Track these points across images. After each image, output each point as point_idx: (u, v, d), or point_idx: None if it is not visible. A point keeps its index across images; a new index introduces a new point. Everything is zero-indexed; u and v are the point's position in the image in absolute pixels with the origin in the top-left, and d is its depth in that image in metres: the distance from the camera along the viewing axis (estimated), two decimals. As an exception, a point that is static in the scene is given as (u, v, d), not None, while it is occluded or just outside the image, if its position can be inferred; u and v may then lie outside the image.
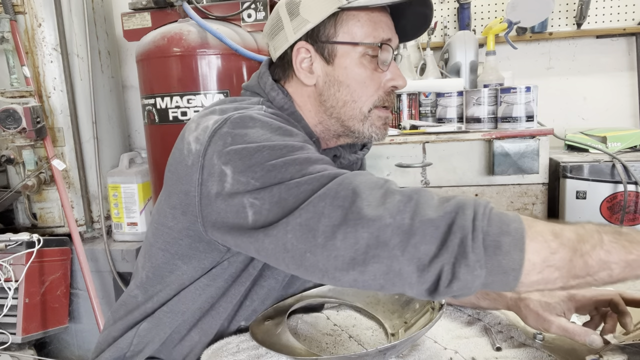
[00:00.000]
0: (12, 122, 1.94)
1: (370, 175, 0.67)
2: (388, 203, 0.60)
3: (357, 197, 0.62)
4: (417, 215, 0.59)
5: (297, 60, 0.86)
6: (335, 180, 0.65)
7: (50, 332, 2.08)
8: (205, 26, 1.93)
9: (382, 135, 0.89)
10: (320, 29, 0.83)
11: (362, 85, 0.84)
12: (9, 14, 2.02)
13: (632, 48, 2.34)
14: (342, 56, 0.84)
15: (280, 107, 0.86)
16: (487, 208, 0.59)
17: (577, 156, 1.91)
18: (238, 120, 0.72)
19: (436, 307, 0.82)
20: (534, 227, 0.57)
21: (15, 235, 1.95)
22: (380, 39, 0.83)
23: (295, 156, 0.68)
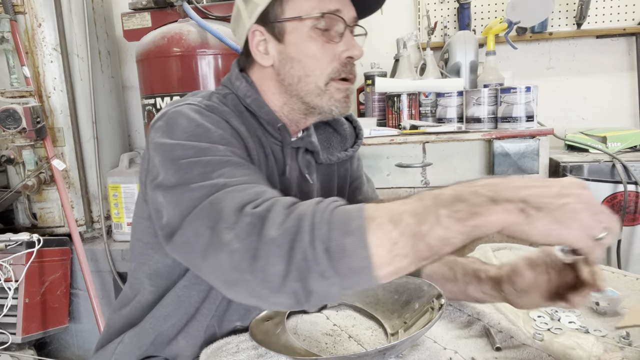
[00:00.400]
0: (12, 122, 1.94)
1: (247, 189, 0.66)
2: (238, 227, 0.60)
3: (219, 219, 0.62)
4: (262, 236, 0.59)
5: (254, 44, 0.87)
6: (215, 196, 0.65)
7: (50, 332, 2.08)
8: (205, 26, 1.93)
9: (343, 108, 0.88)
10: (269, 9, 0.84)
11: (314, 59, 0.84)
12: (9, 14, 2.02)
13: (632, 48, 2.34)
14: (291, 32, 0.84)
15: (244, 95, 0.88)
16: (326, 212, 0.59)
17: (577, 156, 1.91)
18: (171, 116, 0.77)
19: (436, 307, 0.81)
20: (375, 219, 0.57)
21: (15, 235, 1.95)
22: (326, 9, 0.83)
23: (202, 158, 0.70)
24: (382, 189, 1.91)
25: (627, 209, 1.76)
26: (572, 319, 0.86)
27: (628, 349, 0.75)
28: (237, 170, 0.70)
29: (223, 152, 0.72)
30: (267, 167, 0.88)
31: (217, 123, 0.78)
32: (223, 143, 0.74)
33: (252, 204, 0.62)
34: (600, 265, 1.10)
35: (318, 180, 1.00)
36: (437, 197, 0.56)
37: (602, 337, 0.80)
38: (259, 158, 0.86)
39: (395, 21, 2.51)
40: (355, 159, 1.09)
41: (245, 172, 0.71)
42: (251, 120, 0.88)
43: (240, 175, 0.69)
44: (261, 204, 0.62)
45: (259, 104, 0.88)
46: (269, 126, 0.89)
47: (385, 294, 0.92)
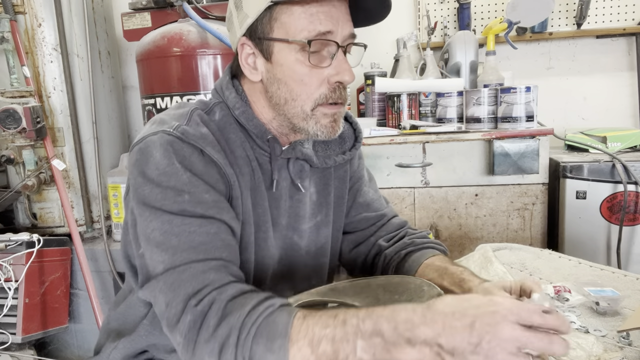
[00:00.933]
0: (12, 122, 1.94)
1: (196, 277, 0.70)
2: (181, 323, 0.68)
3: (171, 304, 0.69)
4: (198, 338, 0.66)
5: (243, 56, 0.84)
6: (171, 274, 0.71)
7: (50, 332, 2.08)
8: (205, 26, 1.93)
9: (329, 133, 0.85)
10: (258, 24, 0.81)
11: (300, 84, 0.81)
12: (9, 14, 2.02)
13: (632, 48, 2.34)
14: (278, 53, 0.81)
15: (233, 107, 0.86)
16: (254, 325, 0.63)
17: (577, 156, 1.91)
18: (146, 147, 0.78)
19: (436, 307, 0.81)
20: (297, 342, 0.61)
21: (15, 235, 1.95)
22: (316, 32, 0.78)
23: (160, 213, 0.74)
24: (382, 189, 1.90)
25: (627, 209, 1.76)
26: (572, 319, 0.86)
27: (628, 348, 0.75)
28: (199, 229, 0.73)
29: (187, 205, 0.74)
30: (253, 181, 0.86)
31: (188, 158, 0.77)
32: (188, 189, 0.75)
33: (195, 298, 0.67)
34: (600, 266, 1.10)
35: (313, 184, 0.97)
36: (359, 325, 0.60)
37: (602, 337, 0.80)
38: (244, 173, 0.85)
39: (395, 21, 2.50)
40: (355, 158, 1.07)
41: (206, 230, 0.74)
42: (240, 132, 0.86)
43: (200, 235, 0.73)
44: (203, 298, 0.67)
45: (247, 117, 0.86)
46: (258, 139, 0.87)
47: (385, 293, 0.92)
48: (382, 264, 1.02)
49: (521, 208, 1.86)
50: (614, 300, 0.89)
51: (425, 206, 1.92)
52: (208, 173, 0.78)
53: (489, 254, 1.14)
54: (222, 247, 0.74)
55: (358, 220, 1.06)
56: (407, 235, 1.04)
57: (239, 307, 0.66)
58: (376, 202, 1.08)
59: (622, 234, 1.77)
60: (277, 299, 0.68)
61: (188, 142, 0.78)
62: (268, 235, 0.90)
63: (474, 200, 1.88)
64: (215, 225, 0.75)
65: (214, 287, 0.69)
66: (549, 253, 1.20)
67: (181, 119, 0.82)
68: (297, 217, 0.95)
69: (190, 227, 0.73)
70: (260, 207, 0.88)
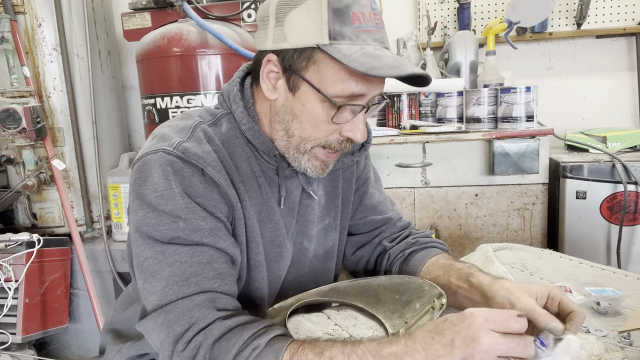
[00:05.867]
0: (12, 122, 1.94)
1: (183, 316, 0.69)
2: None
3: (162, 344, 0.70)
4: None
5: (265, 70, 0.81)
6: (161, 313, 0.71)
7: (50, 332, 2.08)
8: (205, 26, 1.93)
9: (317, 173, 0.85)
10: (294, 55, 0.77)
11: (315, 128, 0.80)
12: (9, 14, 2.02)
13: (632, 48, 2.34)
14: (304, 93, 0.78)
15: (239, 121, 0.84)
16: None
17: (577, 156, 1.91)
18: (145, 166, 0.76)
19: (437, 307, 0.81)
20: None
21: (15, 235, 1.95)
22: (349, 92, 0.75)
23: (153, 242, 0.73)
24: (382, 189, 1.91)
25: (627, 209, 1.76)
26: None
27: (629, 348, 0.75)
28: (190, 259, 0.72)
29: (182, 232, 0.73)
30: (261, 197, 0.85)
31: (188, 179, 0.75)
32: (185, 215, 0.73)
33: (182, 341, 0.68)
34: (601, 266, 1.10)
35: (322, 187, 0.97)
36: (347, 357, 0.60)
37: (603, 337, 0.80)
38: (250, 189, 0.83)
39: (395, 21, 2.50)
40: (362, 159, 1.05)
41: (198, 260, 0.73)
42: (246, 146, 0.85)
43: (192, 266, 0.72)
44: (190, 342, 0.67)
45: (254, 133, 0.84)
46: (265, 154, 0.86)
47: (386, 293, 0.92)
48: (386, 263, 1.01)
49: (521, 208, 1.86)
50: (615, 300, 0.89)
51: (425, 206, 1.92)
52: (208, 195, 0.76)
53: (489, 254, 1.14)
54: (214, 277, 0.73)
55: (364, 223, 1.05)
56: (410, 235, 1.04)
57: (223, 354, 0.65)
58: (382, 204, 1.07)
59: (622, 234, 1.78)
60: (264, 336, 0.67)
61: (189, 162, 0.76)
62: (284, 249, 0.89)
63: (474, 200, 1.89)
64: (208, 255, 0.74)
65: (199, 327, 0.68)
66: (549, 253, 1.20)
67: (183, 134, 0.79)
68: (306, 221, 0.94)
69: (182, 257, 0.72)
70: (271, 222, 0.87)
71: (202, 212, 0.75)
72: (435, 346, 0.57)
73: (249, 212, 0.82)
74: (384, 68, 0.72)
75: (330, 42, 0.73)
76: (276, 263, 0.89)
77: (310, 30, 0.74)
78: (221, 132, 0.84)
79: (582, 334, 0.80)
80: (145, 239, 0.73)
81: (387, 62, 0.73)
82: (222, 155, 0.81)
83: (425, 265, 0.94)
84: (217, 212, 0.77)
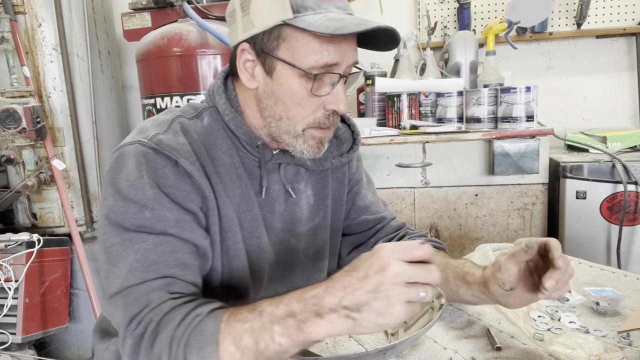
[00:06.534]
0: (12, 122, 1.94)
1: (139, 298, 0.72)
2: (126, 345, 0.70)
3: (119, 324, 0.73)
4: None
5: (241, 61, 0.83)
6: (122, 296, 0.73)
7: (50, 332, 2.08)
8: (205, 26, 1.93)
9: (314, 153, 0.86)
10: (264, 37, 0.79)
11: (298, 106, 0.81)
12: (9, 14, 2.02)
13: (632, 48, 2.34)
14: (281, 72, 0.80)
15: (222, 112, 0.87)
16: (183, 337, 0.66)
17: (577, 156, 1.91)
18: (121, 157, 0.79)
19: (436, 307, 0.81)
20: (222, 342, 0.64)
21: (15, 235, 1.95)
22: (323, 63, 0.77)
23: (120, 229, 0.75)
24: (382, 189, 1.91)
25: (627, 209, 1.76)
26: (572, 319, 0.86)
27: (628, 348, 0.75)
28: (155, 247, 0.74)
29: (147, 221, 0.75)
30: (240, 188, 0.86)
31: (161, 170, 0.77)
32: (152, 205, 0.75)
33: (135, 321, 0.70)
34: (600, 266, 1.10)
35: (310, 187, 0.97)
36: (273, 312, 0.64)
37: (602, 337, 0.80)
38: (228, 181, 0.85)
39: (395, 21, 2.50)
40: (354, 160, 1.06)
41: (162, 248, 0.75)
42: (228, 137, 0.87)
43: (155, 253, 0.74)
44: (141, 321, 0.70)
45: (236, 123, 0.86)
46: (248, 145, 0.87)
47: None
48: None
49: (521, 208, 1.86)
50: (614, 300, 0.89)
51: (425, 206, 1.92)
52: (179, 186, 0.78)
53: (489, 254, 1.14)
54: (176, 265, 0.75)
55: (357, 223, 1.06)
56: (407, 235, 1.04)
57: (169, 323, 0.68)
58: (375, 204, 1.08)
59: (622, 234, 1.78)
60: (206, 306, 0.69)
61: (162, 153, 0.78)
62: (262, 240, 0.90)
63: (474, 200, 1.89)
64: (172, 244, 0.76)
65: (151, 307, 0.71)
66: (549, 253, 1.20)
67: (161, 127, 0.82)
68: (293, 220, 0.95)
69: (147, 245, 0.74)
70: (250, 213, 0.88)
71: (170, 203, 0.77)
72: (352, 281, 0.60)
73: (224, 202, 0.84)
74: (349, 27, 0.74)
75: (295, 15, 0.76)
76: (257, 255, 0.89)
77: (273, 9, 0.77)
78: (202, 124, 0.86)
79: (582, 333, 0.80)
80: (113, 225, 0.76)
81: (352, 21, 0.75)
82: (197, 147, 0.82)
83: None
84: (187, 203, 0.78)
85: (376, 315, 0.58)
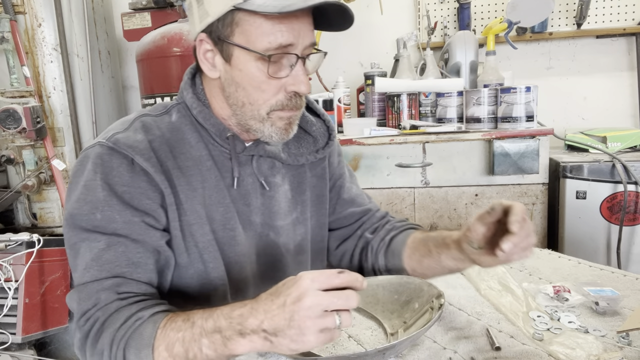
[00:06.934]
0: (12, 122, 1.94)
1: (91, 296, 0.76)
2: (76, 338, 0.77)
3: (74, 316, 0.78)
4: (85, 354, 0.76)
5: (201, 52, 0.84)
6: (76, 292, 0.78)
7: (50, 332, 2.08)
8: (205, 26, 1.93)
9: (283, 135, 0.87)
10: (219, 24, 0.80)
11: (258, 90, 0.82)
12: (9, 14, 2.02)
13: (632, 48, 2.34)
14: (238, 58, 0.81)
15: (190, 107, 0.88)
16: (123, 340, 0.71)
17: (577, 156, 1.91)
18: (87, 155, 0.82)
19: (435, 307, 0.81)
20: (157, 347, 0.70)
21: (15, 235, 1.95)
22: (277, 44, 0.78)
23: (79, 229, 0.79)
24: (382, 189, 1.91)
25: (627, 209, 1.76)
26: (571, 319, 0.86)
27: (627, 348, 0.75)
28: (107, 247, 0.78)
29: (99, 222, 0.78)
30: (209, 180, 0.87)
31: (116, 170, 0.79)
32: (102, 207, 0.78)
33: (84, 317, 0.75)
34: (600, 265, 1.10)
35: (287, 181, 0.98)
36: (203, 325, 0.68)
37: (602, 336, 0.80)
38: (193, 174, 0.86)
39: (395, 21, 2.51)
40: (334, 155, 1.07)
41: (114, 249, 0.78)
42: (196, 132, 0.88)
43: (108, 253, 0.78)
44: (90, 318, 0.75)
45: (205, 116, 0.88)
46: (217, 137, 0.88)
47: (385, 293, 0.92)
48: (372, 256, 1.04)
49: (521, 208, 1.86)
50: (613, 300, 0.89)
51: (425, 206, 1.92)
52: (135, 184, 0.80)
53: (488, 254, 1.14)
54: (127, 265, 0.78)
55: (344, 216, 1.08)
56: (388, 223, 1.08)
57: (112, 324, 0.73)
58: (360, 197, 1.10)
59: (622, 234, 1.77)
60: (149, 310, 0.74)
61: (119, 152, 0.80)
62: (236, 232, 0.90)
63: (474, 200, 1.88)
64: (123, 244, 0.79)
65: (99, 307, 0.75)
66: (548, 253, 1.20)
67: (122, 126, 0.85)
68: (271, 213, 0.95)
69: (100, 245, 0.78)
70: (222, 205, 0.88)
71: (120, 205, 0.79)
72: (272, 307, 0.64)
73: (187, 196, 0.84)
74: (297, 3, 0.75)
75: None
76: (231, 247, 0.90)
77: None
78: (170, 121, 0.88)
79: (581, 333, 0.80)
80: (71, 225, 0.80)
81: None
82: (158, 143, 0.84)
83: (406, 245, 0.97)
84: (143, 200, 0.80)
85: (290, 341, 0.62)
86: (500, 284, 1.00)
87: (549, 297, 0.94)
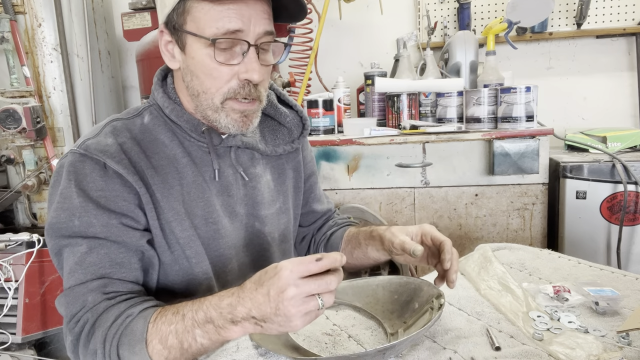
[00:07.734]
0: (12, 122, 1.94)
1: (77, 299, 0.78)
2: (67, 341, 0.78)
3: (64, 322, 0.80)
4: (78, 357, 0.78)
5: (162, 43, 0.86)
6: (63, 296, 0.79)
7: (50, 332, 2.08)
8: (205, 26, 1.93)
9: (239, 127, 0.87)
10: (174, 15, 0.82)
11: (210, 77, 0.83)
12: (9, 14, 2.02)
13: (632, 48, 2.34)
14: (190, 46, 0.82)
15: (162, 106, 0.89)
16: (116, 336, 0.73)
17: (577, 156, 1.91)
18: (62, 165, 0.84)
19: (435, 307, 0.82)
20: (151, 341, 0.72)
21: (15, 235, 1.95)
22: (224, 29, 0.79)
23: (59, 237, 0.81)
24: (382, 189, 1.91)
25: (627, 209, 1.76)
26: (571, 319, 0.86)
27: (627, 348, 0.75)
28: (89, 250, 0.79)
29: (77, 229, 0.80)
30: (186, 176, 0.88)
31: (89, 175, 0.81)
32: (79, 213, 0.80)
33: (74, 320, 0.77)
34: (600, 265, 1.10)
35: (269, 171, 1.01)
36: (194, 317, 0.72)
37: (602, 337, 0.80)
38: (168, 172, 0.86)
39: (395, 21, 2.51)
40: (307, 151, 1.10)
41: (97, 251, 0.79)
42: (169, 131, 0.89)
43: (90, 256, 0.79)
44: (79, 320, 0.76)
45: (177, 114, 0.89)
46: (193, 132, 0.89)
47: (385, 293, 0.92)
48: (313, 247, 1.13)
49: (521, 208, 1.86)
50: (613, 300, 0.89)
51: (425, 206, 1.92)
52: (109, 187, 0.81)
53: (488, 253, 1.14)
54: (110, 266, 0.80)
55: (308, 212, 1.14)
56: (331, 219, 1.16)
57: (103, 323, 0.75)
58: (323, 196, 1.18)
59: (622, 234, 1.77)
60: (138, 306, 0.76)
61: (90, 157, 0.81)
62: (220, 225, 0.91)
63: (474, 200, 1.88)
64: (105, 247, 0.80)
65: (88, 308, 0.77)
66: (548, 253, 1.20)
67: (93, 132, 0.86)
68: (255, 203, 0.97)
69: (82, 249, 0.79)
70: (202, 200, 0.89)
71: (96, 209, 0.80)
72: (258, 296, 0.67)
73: (163, 194, 0.85)
74: None
75: None
76: (214, 240, 0.91)
77: None
78: (142, 122, 0.89)
79: (581, 333, 0.80)
80: (52, 234, 0.82)
81: None
82: (129, 146, 0.85)
83: (342, 239, 1.07)
84: (119, 202, 0.81)
85: (278, 325, 0.67)
86: (500, 284, 1.00)
87: (549, 297, 0.94)
